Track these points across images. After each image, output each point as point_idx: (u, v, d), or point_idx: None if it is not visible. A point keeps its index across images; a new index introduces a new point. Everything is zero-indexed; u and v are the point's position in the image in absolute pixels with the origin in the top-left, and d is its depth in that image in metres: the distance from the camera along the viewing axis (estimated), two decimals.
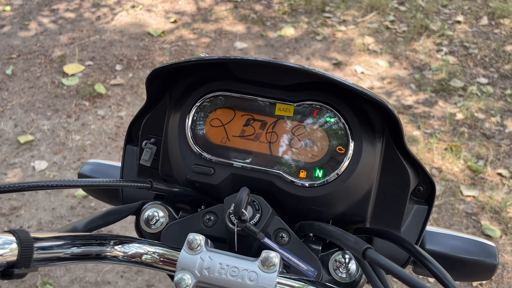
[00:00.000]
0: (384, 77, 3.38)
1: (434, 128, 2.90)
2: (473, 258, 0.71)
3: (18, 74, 3.40)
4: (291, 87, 0.59)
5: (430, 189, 0.65)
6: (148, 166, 0.68)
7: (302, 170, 0.59)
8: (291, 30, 3.96)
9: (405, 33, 3.90)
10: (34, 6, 4.34)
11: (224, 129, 0.61)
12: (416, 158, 0.61)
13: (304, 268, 0.55)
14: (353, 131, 0.57)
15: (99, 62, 3.53)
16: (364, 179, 0.58)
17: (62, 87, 3.26)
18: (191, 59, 0.55)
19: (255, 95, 0.60)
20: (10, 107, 3.07)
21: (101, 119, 2.98)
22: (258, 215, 0.56)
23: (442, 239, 0.73)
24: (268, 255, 0.51)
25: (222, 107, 0.61)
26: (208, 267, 0.51)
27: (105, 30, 3.95)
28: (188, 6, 4.35)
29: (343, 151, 0.57)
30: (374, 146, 0.58)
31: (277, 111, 0.59)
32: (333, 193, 0.58)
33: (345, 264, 0.58)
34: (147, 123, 0.68)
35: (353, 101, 0.58)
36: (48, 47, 3.72)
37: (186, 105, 0.62)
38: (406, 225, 0.65)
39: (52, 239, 0.47)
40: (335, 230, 0.52)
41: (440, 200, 2.43)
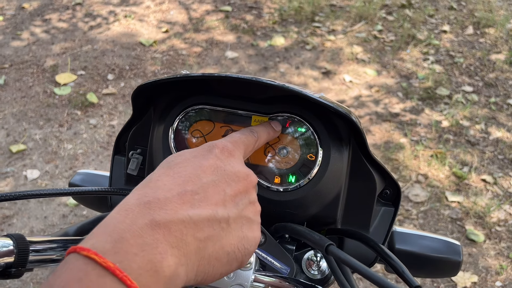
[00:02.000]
0: (372, 86, 3.45)
1: (421, 135, 2.97)
2: (440, 256, 0.76)
3: (10, 83, 3.43)
4: (265, 100, 0.64)
5: (396, 192, 0.70)
6: (134, 175, 0.73)
7: (276, 176, 0.64)
8: (281, 39, 4.03)
9: (392, 42, 3.98)
10: (26, 16, 4.38)
11: (204, 140, 0.65)
12: (381, 164, 0.66)
13: (278, 266, 0.59)
14: (321, 140, 0.62)
15: (91, 72, 3.57)
16: (333, 183, 0.63)
17: (54, 96, 3.29)
18: (172, 76, 0.60)
19: (232, 107, 0.65)
20: (2, 117, 3.10)
21: (93, 128, 3.02)
22: None
23: (411, 239, 0.78)
24: None
25: (202, 120, 0.66)
26: None
27: (97, 40, 4.00)
28: (179, 16, 4.41)
29: (313, 158, 0.62)
30: (342, 153, 0.63)
31: (253, 123, 0.64)
32: (305, 197, 0.63)
33: (317, 262, 0.63)
34: (133, 135, 0.73)
35: (322, 112, 0.63)
36: (40, 56, 3.76)
37: (169, 118, 0.66)
38: (374, 226, 0.70)
39: (45, 243, 0.52)
40: (303, 230, 0.57)
41: (426, 206, 2.49)
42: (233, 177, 0.43)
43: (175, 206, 0.37)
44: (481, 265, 2.21)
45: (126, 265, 0.31)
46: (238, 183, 0.43)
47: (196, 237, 0.37)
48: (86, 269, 0.31)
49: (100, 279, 0.30)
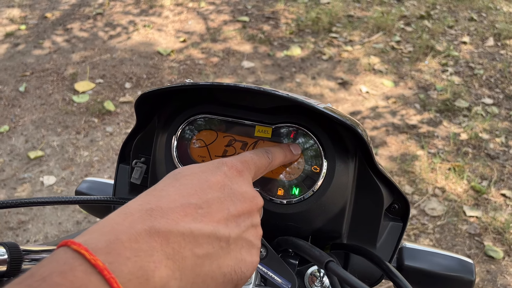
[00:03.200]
0: (389, 97, 3.41)
1: (438, 148, 2.91)
2: (451, 274, 0.73)
3: (30, 91, 3.50)
4: (269, 110, 0.63)
5: (404, 206, 0.68)
6: (138, 184, 0.72)
7: (280, 188, 0.62)
8: (298, 50, 4.03)
9: (410, 53, 3.94)
10: (48, 25, 4.49)
11: (207, 149, 0.65)
12: (390, 178, 0.64)
13: (279, 281, 0.58)
14: (326, 151, 0.60)
15: (109, 80, 3.62)
16: (338, 196, 0.61)
17: (73, 104, 3.35)
18: (175, 85, 0.60)
19: (236, 117, 0.64)
20: (22, 123, 3.16)
21: (109, 136, 3.05)
22: None
23: (421, 255, 0.75)
24: None
25: (206, 129, 0.65)
26: None
27: (116, 49, 4.06)
28: (197, 26, 4.46)
29: (318, 170, 0.61)
30: (347, 165, 0.61)
31: (256, 133, 0.63)
32: (309, 210, 0.61)
33: (320, 278, 0.61)
34: (137, 144, 0.73)
35: (328, 124, 0.61)
36: (60, 65, 3.83)
37: (173, 127, 0.66)
38: (381, 241, 0.67)
39: (41, 252, 0.51)
40: (304, 244, 0.55)
41: (443, 220, 2.43)
42: (238, 197, 0.43)
43: (177, 216, 0.36)
44: (500, 282, 2.13)
45: (116, 267, 0.30)
46: (243, 204, 0.43)
47: (194, 252, 0.36)
48: (73, 263, 0.29)
49: (85, 276, 0.29)
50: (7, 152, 2.90)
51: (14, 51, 4.03)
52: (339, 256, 0.69)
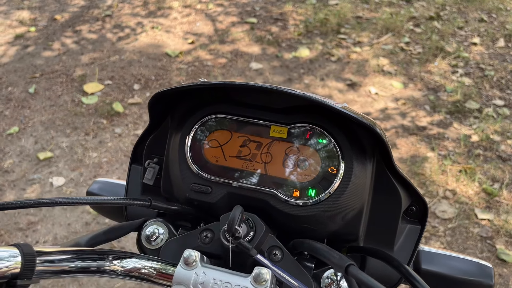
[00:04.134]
0: (398, 98, 3.38)
1: (449, 150, 2.88)
2: (470, 279, 0.71)
3: (40, 92, 3.52)
4: (285, 110, 0.62)
5: (422, 209, 0.66)
6: (151, 185, 0.71)
7: (295, 190, 0.61)
8: (306, 51, 4.02)
9: (420, 54, 3.91)
10: (58, 27, 4.51)
11: (221, 150, 0.63)
12: (408, 179, 0.63)
13: (295, 285, 0.56)
14: (343, 152, 0.59)
15: (118, 82, 3.63)
16: (355, 198, 0.60)
17: (82, 105, 3.36)
18: (190, 84, 0.59)
19: (250, 117, 0.63)
20: (31, 125, 3.17)
21: (118, 137, 3.05)
22: (252, 232, 0.58)
23: (439, 259, 0.73)
24: (260, 271, 0.53)
25: (220, 129, 0.64)
26: (202, 282, 0.54)
27: (125, 51, 4.07)
28: (205, 28, 4.46)
29: (334, 172, 0.60)
30: (365, 167, 0.60)
31: (272, 133, 0.62)
32: (325, 212, 0.59)
33: (337, 282, 0.60)
34: (150, 144, 0.72)
35: (345, 123, 0.60)
36: (69, 66, 3.85)
37: (186, 127, 0.65)
38: (399, 244, 0.66)
39: (54, 253, 0.50)
40: (321, 247, 0.54)
41: (454, 223, 2.39)
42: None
43: None
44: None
45: None
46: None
47: None
48: None
49: None
50: (17, 153, 2.91)
51: (23, 53, 4.06)
52: (355, 259, 0.67)
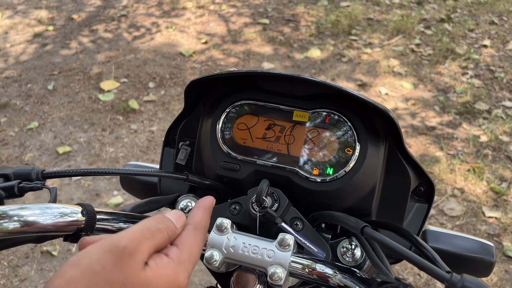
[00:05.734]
0: (408, 99, 3.44)
1: (457, 149, 2.93)
2: (473, 256, 0.77)
3: (58, 89, 3.62)
4: (307, 97, 0.69)
5: (430, 189, 0.73)
6: (183, 165, 0.79)
7: (315, 168, 0.68)
8: (317, 52, 4.08)
9: (430, 56, 3.95)
10: (75, 27, 4.63)
11: (249, 132, 0.71)
12: (417, 161, 0.69)
13: (315, 250, 0.63)
14: (359, 135, 0.66)
15: (134, 80, 3.72)
16: (369, 176, 0.67)
17: (99, 102, 3.46)
18: (222, 72, 0.66)
19: (275, 103, 0.70)
20: (51, 120, 3.28)
21: (134, 133, 3.14)
22: (276, 204, 0.65)
23: (444, 238, 0.80)
24: (284, 237, 0.60)
25: (248, 114, 0.71)
26: (233, 245, 0.61)
27: (140, 50, 4.17)
28: (218, 28, 4.54)
29: (350, 152, 0.67)
30: (378, 148, 0.67)
31: (294, 117, 0.69)
32: (341, 188, 0.67)
33: (351, 250, 0.67)
34: (183, 128, 0.79)
35: (360, 109, 0.67)
36: (86, 64, 3.95)
37: (217, 112, 0.72)
38: (407, 221, 0.73)
39: (108, 214, 0.58)
40: (339, 215, 0.61)
41: (461, 220, 2.44)
42: None
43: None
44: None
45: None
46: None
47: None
48: None
49: None
50: (37, 147, 3.01)
51: (42, 51, 4.17)
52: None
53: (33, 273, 2.22)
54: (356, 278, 0.56)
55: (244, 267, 0.64)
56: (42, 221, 0.52)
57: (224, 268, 0.63)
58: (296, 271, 0.60)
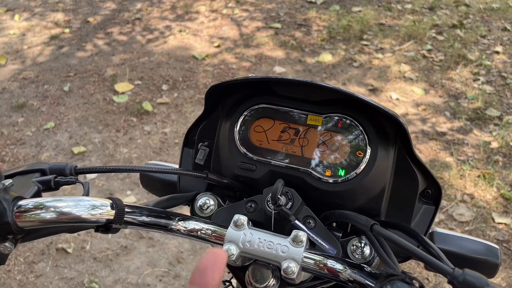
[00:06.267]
0: (419, 104, 3.45)
1: (468, 155, 2.94)
2: (478, 257, 0.80)
3: (74, 90, 3.70)
4: (320, 102, 0.73)
5: (437, 192, 0.76)
6: (201, 165, 0.83)
7: (327, 169, 0.72)
8: (329, 56, 4.11)
9: (441, 62, 3.96)
10: (90, 29, 4.72)
11: (265, 134, 0.75)
12: (425, 165, 0.73)
13: (326, 247, 0.67)
14: (370, 139, 0.70)
15: (147, 82, 3.79)
16: (378, 179, 0.70)
17: (113, 103, 3.53)
18: (241, 77, 0.70)
19: (291, 107, 0.74)
20: (66, 121, 3.35)
21: (147, 135, 3.20)
22: (290, 203, 0.69)
23: (451, 240, 0.83)
24: (297, 233, 0.64)
25: (264, 117, 0.75)
26: (249, 240, 0.65)
27: (154, 53, 4.24)
28: (231, 32, 4.60)
29: (361, 155, 0.70)
30: (388, 152, 0.70)
31: (309, 121, 0.73)
32: (352, 189, 0.70)
33: (361, 248, 0.70)
34: (202, 129, 0.84)
35: (372, 114, 0.71)
36: (101, 66, 4.03)
37: (236, 115, 0.76)
38: (415, 222, 0.76)
39: (136, 208, 0.63)
40: (350, 213, 0.65)
41: (471, 226, 2.46)
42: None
43: None
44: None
45: None
46: None
47: None
48: None
49: None
50: (53, 147, 3.09)
51: (58, 53, 4.26)
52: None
53: (48, 270, 2.28)
54: (365, 273, 0.59)
55: (259, 262, 0.68)
56: (75, 212, 0.56)
57: (240, 262, 0.67)
58: (308, 266, 0.63)
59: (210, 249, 0.41)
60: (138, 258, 2.34)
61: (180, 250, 2.37)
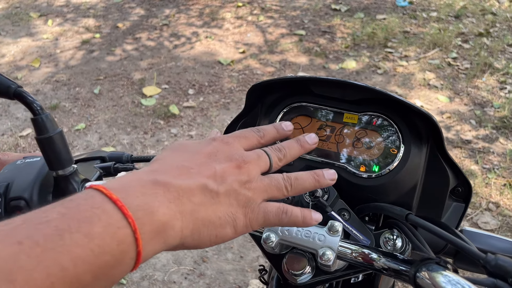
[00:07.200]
0: (444, 112, 3.44)
1: (493, 163, 2.92)
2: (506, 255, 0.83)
3: (104, 93, 3.82)
4: (356, 101, 0.77)
5: (467, 190, 0.79)
6: None
7: (362, 165, 0.76)
8: (352, 63, 4.14)
9: (467, 70, 3.94)
10: (120, 35, 4.86)
11: (302, 131, 0.79)
12: (455, 163, 0.76)
13: (360, 238, 0.71)
14: (404, 137, 0.74)
15: (174, 86, 3.89)
16: (411, 175, 0.74)
17: (141, 106, 3.63)
18: (281, 77, 0.75)
19: (327, 106, 0.78)
20: (96, 122, 3.46)
21: (174, 137, 3.28)
22: (326, 195, 0.73)
23: (479, 237, 0.85)
24: (333, 223, 0.68)
25: (301, 115, 0.80)
26: (288, 229, 0.69)
27: (180, 58, 4.34)
28: (256, 38, 4.67)
29: (395, 152, 0.74)
30: (421, 150, 0.74)
31: (344, 119, 0.77)
32: (385, 184, 0.74)
33: (393, 240, 0.74)
34: (241, 126, 0.89)
35: (406, 113, 0.75)
36: (130, 70, 4.15)
37: (274, 113, 0.81)
38: (445, 218, 0.79)
39: None
40: (385, 205, 0.68)
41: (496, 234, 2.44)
42: (224, 159, 0.50)
43: (174, 174, 0.45)
44: None
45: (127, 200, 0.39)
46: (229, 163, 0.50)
47: (191, 200, 0.44)
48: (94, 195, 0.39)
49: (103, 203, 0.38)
50: (84, 147, 3.19)
51: (89, 57, 4.41)
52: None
53: None
54: (399, 260, 0.63)
55: (295, 251, 0.73)
56: None
57: (278, 250, 0.72)
58: (343, 255, 0.68)
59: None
60: (164, 256, 2.41)
61: (205, 249, 2.43)
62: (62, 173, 0.68)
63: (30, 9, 5.63)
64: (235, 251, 2.42)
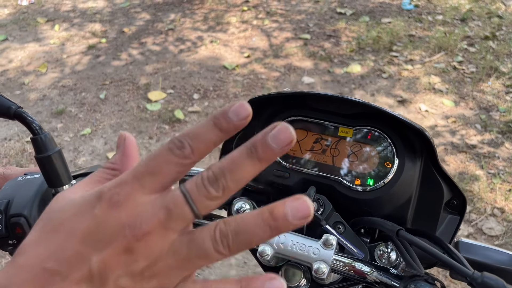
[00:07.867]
0: (449, 116, 3.43)
1: (499, 168, 2.90)
2: (502, 267, 0.83)
3: (109, 98, 3.86)
4: (351, 115, 0.78)
5: (462, 203, 0.80)
6: None
7: (357, 178, 0.77)
8: (357, 67, 4.14)
9: (473, 74, 3.93)
10: (125, 39, 4.90)
11: (298, 145, 0.80)
12: (450, 176, 0.77)
13: (355, 251, 0.72)
14: (398, 151, 0.74)
15: (179, 91, 3.91)
16: (405, 188, 0.75)
17: (146, 111, 3.65)
18: (277, 92, 0.76)
19: (323, 120, 0.79)
20: (102, 127, 3.50)
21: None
22: (321, 209, 0.74)
23: (475, 249, 0.86)
24: (328, 237, 0.69)
25: (297, 128, 0.81)
26: (283, 242, 0.70)
27: (186, 62, 4.37)
28: (261, 43, 4.69)
29: (389, 166, 0.75)
30: (415, 163, 0.75)
31: (340, 133, 0.78)
32: (380, 197, 0.75)
33: (387, 253, 0.74)
34: (238, 140, 0.90)
35: (399, 128, 0.75)
36: (135, 75, 4.18)
37: None
38: (440, 230, 0.79)
39: None
40: (377, 219, 0.69)
41: (501, 240, 2.43)
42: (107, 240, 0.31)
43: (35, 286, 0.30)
44: None
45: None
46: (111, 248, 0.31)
47: None
48: None
49: None
50: (89, 152, 3.23)
51: (95, 62, 4.45)
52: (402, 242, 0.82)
53: None
54: (391, 275, 0.64)
55: (291, 263, 0.74)
56: None
57: (273, 262, 0.73)
58: (337, 268, 0.68)
59: None
60: None
61: None
62: (61, 190, 0.70)
63: (37, 14, 5.69)
64: (239, 256, 2.43)
